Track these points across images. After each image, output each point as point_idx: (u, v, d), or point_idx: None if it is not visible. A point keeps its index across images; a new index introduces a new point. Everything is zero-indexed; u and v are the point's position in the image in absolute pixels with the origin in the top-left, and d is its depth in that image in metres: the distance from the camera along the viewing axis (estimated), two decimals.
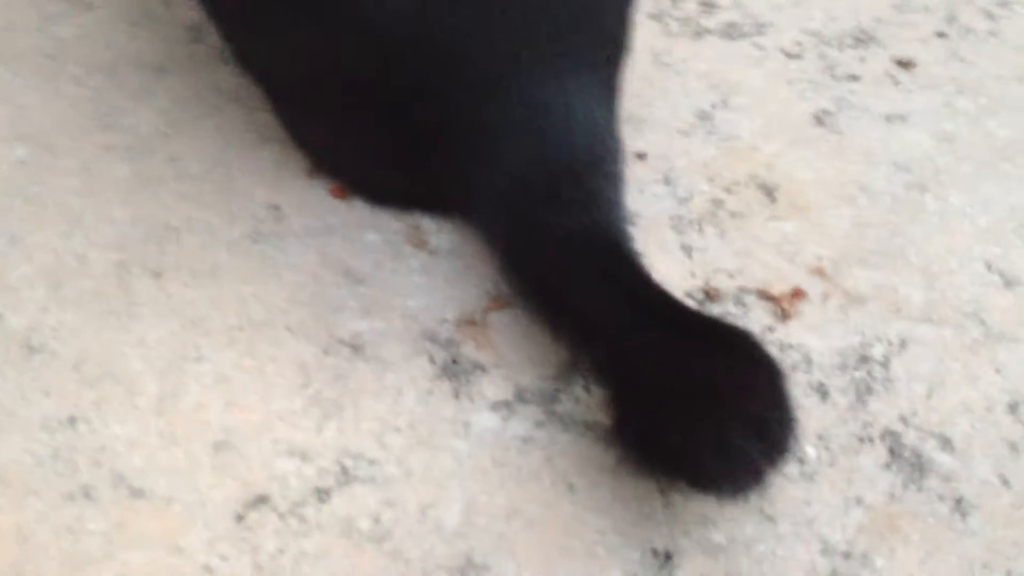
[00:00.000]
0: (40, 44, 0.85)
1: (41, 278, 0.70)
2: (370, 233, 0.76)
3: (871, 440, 0.65)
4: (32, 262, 0.71)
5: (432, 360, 0.68)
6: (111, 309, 0.69)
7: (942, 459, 0.65)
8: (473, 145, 0.69)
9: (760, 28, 0.97)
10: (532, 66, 0.67)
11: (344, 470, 0.61)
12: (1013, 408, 0.68)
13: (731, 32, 0.96)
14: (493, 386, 0.67)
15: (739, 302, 0.74)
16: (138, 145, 0.79)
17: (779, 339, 0.72)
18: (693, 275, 0.75)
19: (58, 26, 0.87)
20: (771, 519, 0.61)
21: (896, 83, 0.92)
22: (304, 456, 0.62)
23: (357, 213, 0.77)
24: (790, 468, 0.62)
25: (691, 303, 0.73)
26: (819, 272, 0.76)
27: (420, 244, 0.76)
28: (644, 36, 0.92)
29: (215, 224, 0.75)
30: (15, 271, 0.70)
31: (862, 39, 0.96)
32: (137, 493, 0.58)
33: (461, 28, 0.65)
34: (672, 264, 0.76)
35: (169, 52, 0.86)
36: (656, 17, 0.97)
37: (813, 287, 0.75)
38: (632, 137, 0.83)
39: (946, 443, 0.66)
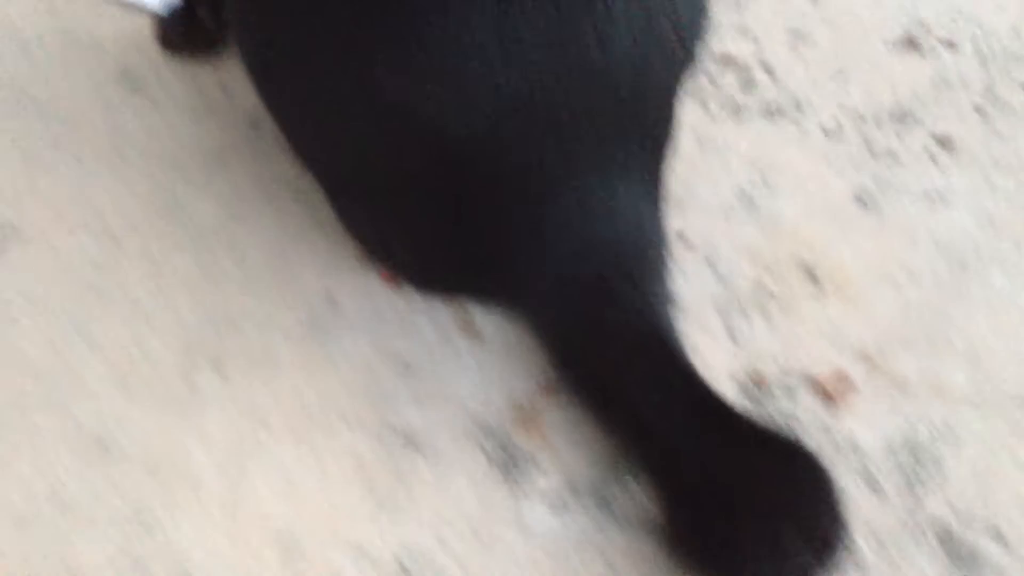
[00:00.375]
0: (106, 136, 0.89)
1: (110, 372, 0.73)
2: (421, 321, 0.78)
3: (922, 531, 0.66)
4: (100, 355, 0.74)
5: (485, 451, 0.70)
6: (176, 403, 0.72)
7: (994, 551, 0.65)
8: (521, 239, 0.72)
9: (799, 106, 0.98)
10: (580, 164, 0.69)
11: (402, 568, 0.63)
12: None
13: (771, 110, 0.98)
14: (546, 478, 0.69)
15: (786, 388, 0.75)
16: (200, 236, 0.82)
17: (826, 426, 0.73)
18: (739, 360, 0.77)
19: (124, 117, 0.91)
20: None
21: (935, 161, 0.93)
22: (363, 552, 0.64)
23: (408, 301, 0.80)
24: (842, 563, 0.63)
25: (738, 389, 0.75)
26: (864, 357, 0.77)
27: (470, 332, 0.78)
28: (684, 115, 0.94)
29: (273, 314, 0.78)
30: (85, 365, 0.73)
31: (901, 116, 0.97)
32: None
33: (512, 128, 0.67)
34: (717, 349, 0.78)
35: (230, 141, 0.90)
36: (696, 96, 0.99)
37: (859, 372, 0.76)
38: (674, 218, 0.85)
39: (997, 534, 0.66)
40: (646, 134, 0.71)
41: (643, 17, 0.66)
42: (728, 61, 1.03)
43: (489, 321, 0.78)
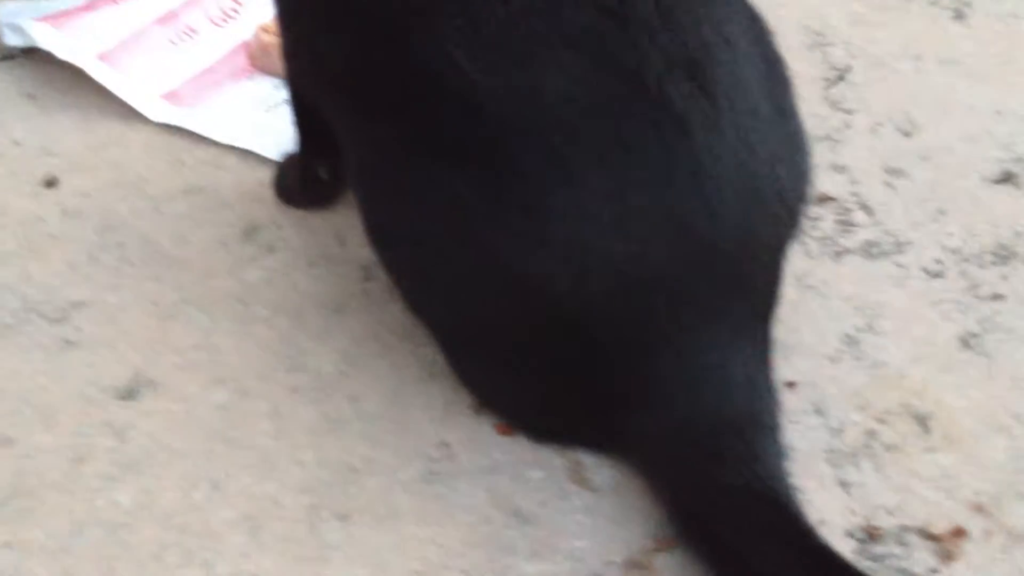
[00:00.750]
0: (232, 288, 0.94)
1: (241, 523, 0.76)
2: (534, 470, 0.81)
3: None
4: (233, 507, 0.77)
5: None
6: (304, 554, 0.75)
7: None
8: (632, 396, 0.74)
9: (900, 246, 1.00)
10: (689, 326, 0.72)
11: None
12: None
13: (871, 251, 0.99)
14: None
15: (901, 542, 0.75)
16: (321, 385, 0.86)
17: None
18: (852, 512, 0.77)
19: (246, 270, 0.96)
20: None
21: None
22: None
23: (521, 449, 0.82)
24: None
25: (852, 543, 0.75)
26: (979, 509, 0.77)
27: (583, 482, 0.80)
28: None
29: (392, 464, 0.81)
30: (218, 516, 0.77)
31: (1003, 255, 0.98)
32: None
33: (624, 293, 0.70)
34: (830, 500, 0.78)
35: (346, 291, 0.94)
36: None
37: (974, 525, 0.76)
38: (781, 365, 0.86)
39: None
40: (753, 296, 0.74)
41: (749, 187, 0.69)
42: (825, 200, 1.05)
43: (602, 472, 0.80)
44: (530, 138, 0.69)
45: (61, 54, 1.13)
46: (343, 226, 1.00)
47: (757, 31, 0.75)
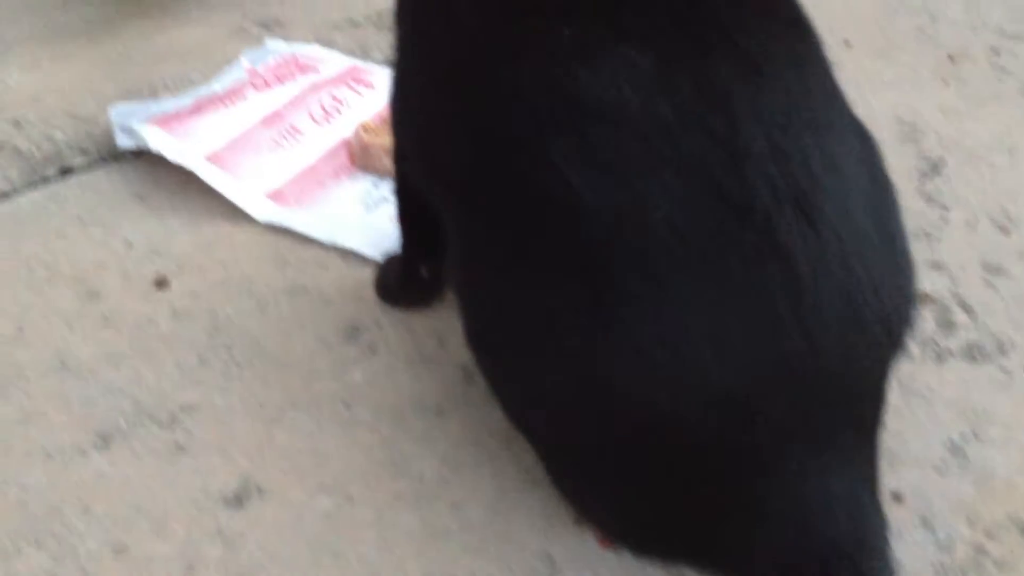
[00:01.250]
0: (335, 390, 0.96)
1: None
2: None
3: None
4: None
5: None
6: None
7: None
8: (735, 516, 0.74)
9: (1002, 347, 0.98)
10: (790, 449, 0.71)
11: None
12: None
13: (974, 353, 0.98)
14: None
15: None
16: (424, 492, 0.87)
17: None
18: None
19: (349, 371, 0.98)
20: None
21: None
22: None
23: (625, 565, 0.82)
24: None
25: None
26: None
27: None
28: None
29: None
30: None
31: None
32: None
33: (722, 416, 0.70)
34: None
35: (446, 393, 0.96)
36: None
37: None
38: (886, 474, 0.85)
39: None
40: (856, 417, 0.73)
41: (852, 316, 0.69)
42: (925, 300, 1.04)
43: None
44: (631, 257, 0.70)
45: (171, 156, 1.17)
46: (443, 327, 1.02)
47: (866, 152, 0.75)
